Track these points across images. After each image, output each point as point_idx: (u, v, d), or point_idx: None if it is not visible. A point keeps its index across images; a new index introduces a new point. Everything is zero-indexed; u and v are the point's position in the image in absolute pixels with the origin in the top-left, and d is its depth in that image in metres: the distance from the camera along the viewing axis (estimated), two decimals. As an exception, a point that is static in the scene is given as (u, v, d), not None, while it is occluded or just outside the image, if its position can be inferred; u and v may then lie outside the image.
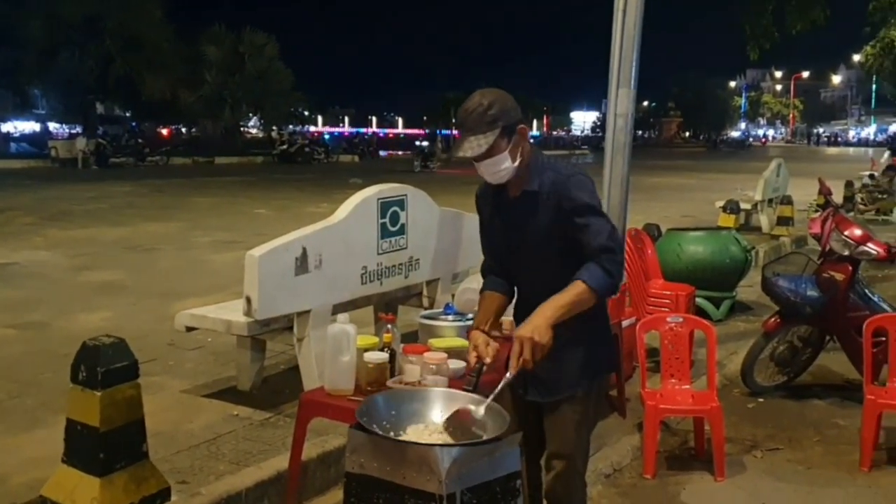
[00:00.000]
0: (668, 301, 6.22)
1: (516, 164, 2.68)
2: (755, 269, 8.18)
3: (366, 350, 3.31)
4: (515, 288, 2.92)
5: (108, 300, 7.65)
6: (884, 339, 4.75)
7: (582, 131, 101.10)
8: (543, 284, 2.65)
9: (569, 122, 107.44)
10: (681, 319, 4.69)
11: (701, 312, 7.31)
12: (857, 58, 32.57)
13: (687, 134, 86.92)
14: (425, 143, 43.16)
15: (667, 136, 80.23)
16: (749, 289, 8.16)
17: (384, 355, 3.30)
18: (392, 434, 2.48)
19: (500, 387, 2.53)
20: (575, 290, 2.56)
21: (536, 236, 2.72)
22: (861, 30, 29.72)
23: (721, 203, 12.35)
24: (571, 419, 2.78)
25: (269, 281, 4.33)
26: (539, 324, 2.53)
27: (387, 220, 5.05)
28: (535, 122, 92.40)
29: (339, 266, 4.70)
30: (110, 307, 7.36)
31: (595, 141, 68.22)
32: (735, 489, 4.11)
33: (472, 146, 2.60)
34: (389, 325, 3.51)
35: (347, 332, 3.27)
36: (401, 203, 5.15)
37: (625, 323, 5.24)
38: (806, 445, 4.70)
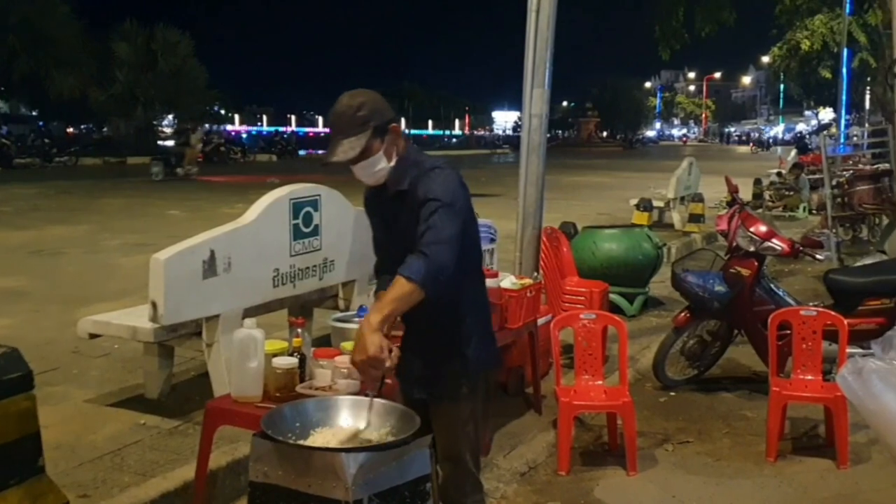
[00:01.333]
0: (582, 298, 6.29)
1: (392, 163, 2.67)
2: (667, 265, 8.36)
3: (274, 355, 3.23)
4: None
5: (8, 307, 7.31)
6: (788, 332, 4.90)
7: (504, 131, 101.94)
8: None
9: (490, 121, 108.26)
10: (594, 316, 4.74)
11: (615, 308, 7.44)
12: (765, 59, 33.78)
13: (604, 133, 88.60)
14: (171, 143, 31.06)
15: (585, 135, 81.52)
16: (661, 284, 8.32)
17: (293, 360, 3.24)
18: (297, 442, 2.42)
19: (369, 405, 2.50)
20: (395, 287, 2.47)
21: (409, 235, 2.66)
22: (769, 32, 30.85)
23: (635, 201, 12.64)
24: (456, 419, 2.77)
25: (176, 285, 4.20)
26: (364, 337, 2.43)
27: (299, 220, 4.96)
28: (456, 122, 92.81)
29: (250, 269, 4.60)
30: (11, 314, 7.04)
31: (516, 140, 68.35)
32: (646, 483, 4.17)
33: (345, 149, 2.58)
34: (299, 329, 3.45)
35: (254, 338, 3.19)
36: (314, 203, 5.06)
37: (540, 321, 5.28)
38: (715, 437, 4.81)
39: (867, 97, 29.20)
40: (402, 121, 74.60)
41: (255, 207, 4.71)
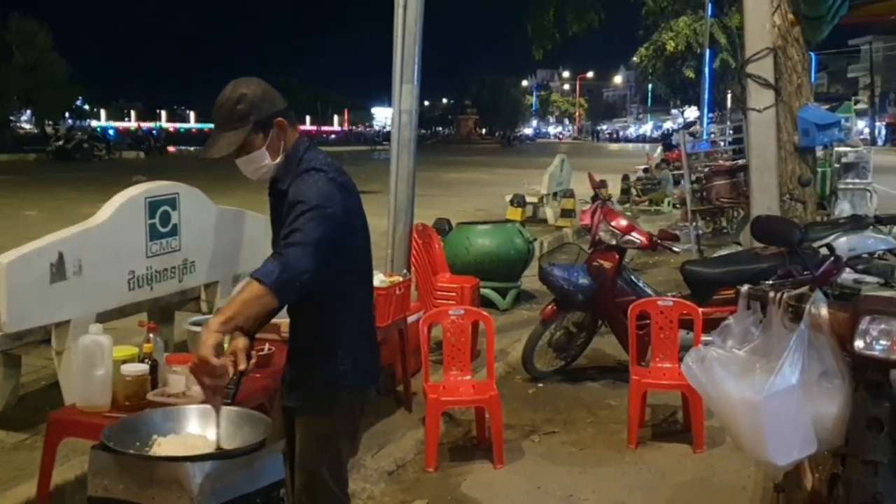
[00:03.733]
0: (453, 294, 6.34)
1: (277, 160, 2.51)
2: (538, 259, 8.53)
3: (124, 362, 3.09)
4: None
5: None
6: (648, 321, 5.07)
7: (384, 127, 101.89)
8: None
9: (370, 117, 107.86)
10: (462, 312, 4.77)
11: (488, 303, 7.54)
12: (634, 59, 35.07)
13: (483, 131, 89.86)
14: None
15: (464, 132, 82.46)
16: (533, 278, 8.46)
17: (144, 367, 3.10)
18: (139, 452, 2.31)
19: (218, 412, 2.38)
20: (245, 289, 2.36)
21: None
22: (637, 33, 32.06)
23: (510, 197, 12.86)
24: (315, 432, 2.64)
25: (20, 290, 3.96)
26: (201, 339, 2.31)
27: (156, 220, 4.76)
28: (335, 118, 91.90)
29: (103, 271, 4.38)
30: None
31: (395, 137, 68.60)
32: (513, 475, 4.23)
33: (221, 145, 2.43)
34: (151, 334, 3.30)
35: (101, 344, 3.04)
36: (172, 202, 4.87)
37: (411, 318, 5.26)
38: (580, 427, 4.93)
39: (729, 96, 30.75)
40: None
41: (108, 207, 4.49)
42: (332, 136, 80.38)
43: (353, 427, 2.76)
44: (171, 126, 64.40)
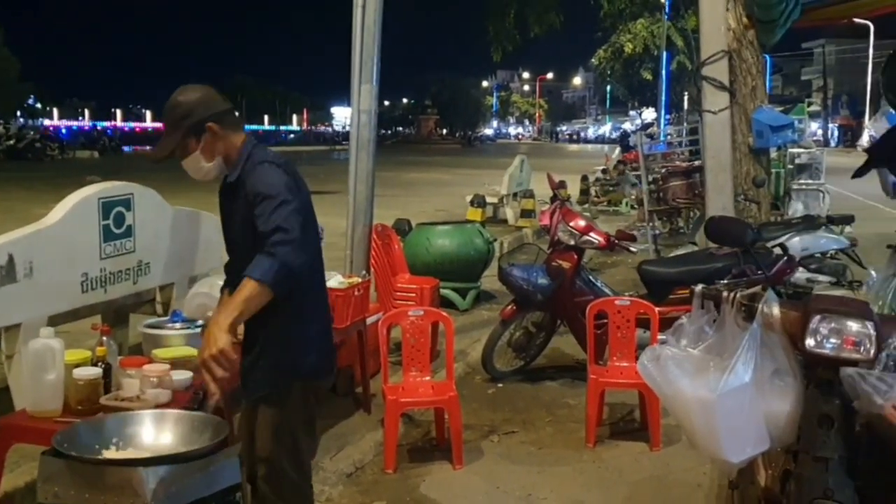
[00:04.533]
0: (413, 295, 6.33)
1: (214, 163, 2.63)
2: (498, 259, 8.56)
3: (76, 366, 3.04)
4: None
5: None
6: (605, 321, 5.12)
7: (344, 127, 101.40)
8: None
9: (329, 117, 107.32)
10: (421, 312, 4.77)
11: (448, 303, 7.55)
12: (593, 61, 35.38)
13: (444, 131, 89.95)
14: None
15: (424, 132, 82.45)
16: (493, 278, 8.47)
17: (97, 370, 3.06)
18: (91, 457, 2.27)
19: (209, 406, 2.48)
20: (243, 288, 2.46)
21: (237, 230, 2.69)
22: (595, 34, 32.33)
23: (470, 197, 12.88)
24: (270, 421, 2.72)
25: (-34, 293, 3.85)
26: (212, 335, 2.42)
27: (110, 221, 4.66)
28: (294, 117, 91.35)
29: (55, 273, 4.28)
30: None
31: (355, 137, 68.34)
32: (472, 475, 4.24)
33: (160, 147, 2.59)
34: (105, 337, 3.26)
35: (52, 348, 2.99)
36: (126, 203, 4.78)
37: (370, 319, 5.25)
38: (539, 426, 4.96)
39: (685, 98, 31.15)
40: (237, 115, 72.59)
41: (60, 208, 4.39)
42: (291, 135, 79.82)
43: (309, 417, 2.84)
44: (125, 126, 63.42)
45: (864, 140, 20.58)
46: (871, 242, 7.81)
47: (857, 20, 30.29)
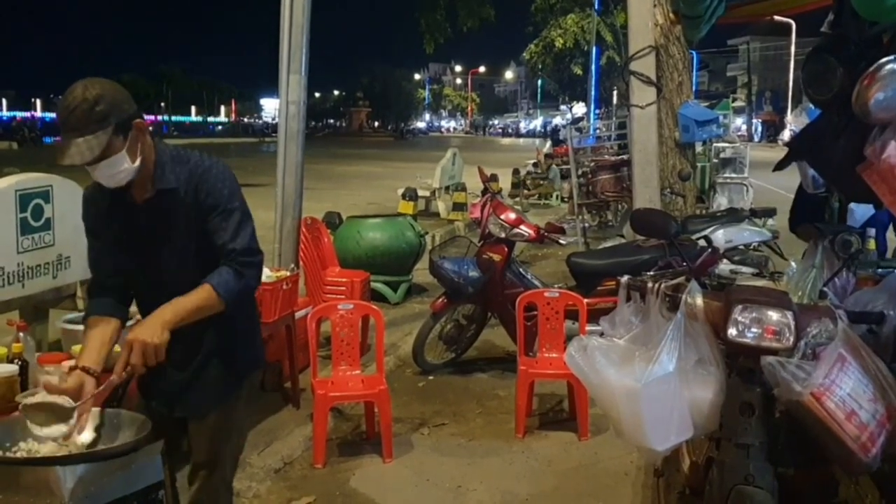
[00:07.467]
0: (343, 288, 6.28)
1: (137, 163, 2.40)
2: (429, 252, 8.56)
3: (-10, 363, 2.92)
4: (138, 305, 2.65)
5: None
6: (535, 313, 5.16)
7: (273, 119, 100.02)
8: (181, 292, 2.43)
9: (259, 108, 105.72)
10: (351, 306, 4.73)
11: (380, 297, 7.51)
12: (524, 55, 35.65)
13: (376, 124, 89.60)
14: None
15: (356, 125, 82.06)
16: (424, 271, 8.47)
17: (13, 368, 2.96)
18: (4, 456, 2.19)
19: (101, 389, 2.36)
20: (201, 295, 2.40)
21: (175, 239, 2.50)
22: (526, 29, 32.57)
23: (401, 190, 12.85)
24: (221, 428, 2.64)
25: None
26: (153, 324, 2.35)
27: (28, 214, 4.49)
28: (222, 109, 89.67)
29: (-32, 268, 4.11)
30: None
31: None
32: (402, 468, 4.23)
33: (82, 150, 2.27)
34: (21, 334, 3.15)
35: (-37, 345, 2.86)
36: (45, 195, 4.62)
37: (299, 313, 5.19)
38: (469, 418, 4.98)
39: (615, 93, 31.64)
40: (162, 105, 70.73)
41: (-27, 200, 4.22)
42: (219, 127, 78.34)
43: (250, 411, 2.91)
44: (45, 116, 61.29)
45: (786, 135, 21.20)
46: (791, 235, 8.01)
47: (779, 18, 31.30)
